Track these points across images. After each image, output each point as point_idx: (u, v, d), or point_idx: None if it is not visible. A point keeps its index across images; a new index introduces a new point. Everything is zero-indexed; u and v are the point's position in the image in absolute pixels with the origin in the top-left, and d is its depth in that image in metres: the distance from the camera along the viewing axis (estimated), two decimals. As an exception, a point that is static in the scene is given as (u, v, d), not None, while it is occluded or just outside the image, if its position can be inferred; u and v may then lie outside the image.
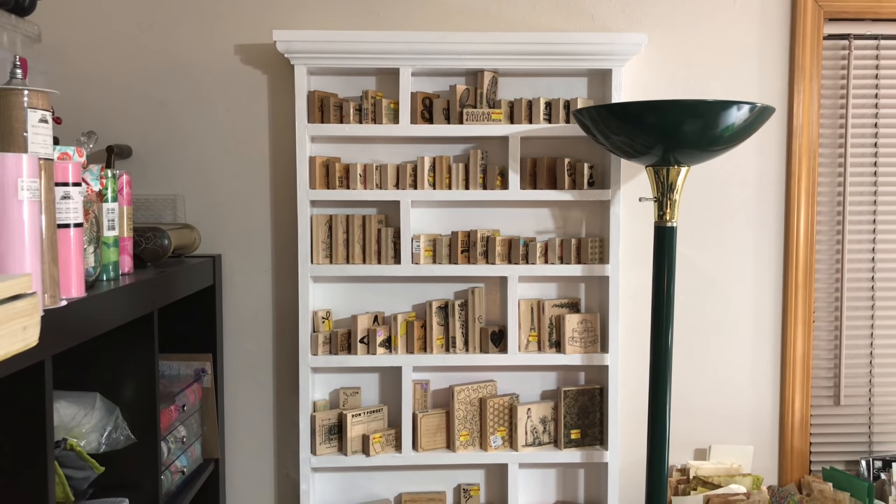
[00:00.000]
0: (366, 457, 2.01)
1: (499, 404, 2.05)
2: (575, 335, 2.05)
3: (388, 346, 2.03)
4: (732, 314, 2.16)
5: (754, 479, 2.07)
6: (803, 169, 2.13)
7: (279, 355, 2.11)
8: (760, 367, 2.18)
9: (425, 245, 2.02)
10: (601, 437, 2.09)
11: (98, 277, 1.38)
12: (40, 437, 1.11)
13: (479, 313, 2.05)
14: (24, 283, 0.78)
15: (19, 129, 1.03)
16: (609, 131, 1.73)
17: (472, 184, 2.02)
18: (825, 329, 2.20)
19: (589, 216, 2.11)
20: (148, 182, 2.05)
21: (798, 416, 2.17)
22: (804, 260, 2.14)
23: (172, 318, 1.97)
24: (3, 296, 0.74)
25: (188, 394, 1.83)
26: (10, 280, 0.76)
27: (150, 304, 1.50)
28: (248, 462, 2.12)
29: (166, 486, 1.68)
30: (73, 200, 1.18)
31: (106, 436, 1.47)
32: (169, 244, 1.70)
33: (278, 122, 2.07)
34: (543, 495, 2.16)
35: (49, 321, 1.05)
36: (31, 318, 0.79)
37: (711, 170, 2.13)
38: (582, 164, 2.02)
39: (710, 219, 2.15)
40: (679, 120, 1.64)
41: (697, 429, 2.18)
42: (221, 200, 2.07)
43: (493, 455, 2.04)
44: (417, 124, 1.99)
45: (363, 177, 2.01)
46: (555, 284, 2.12)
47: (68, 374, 1.51)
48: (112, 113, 2.04)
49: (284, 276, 2.10)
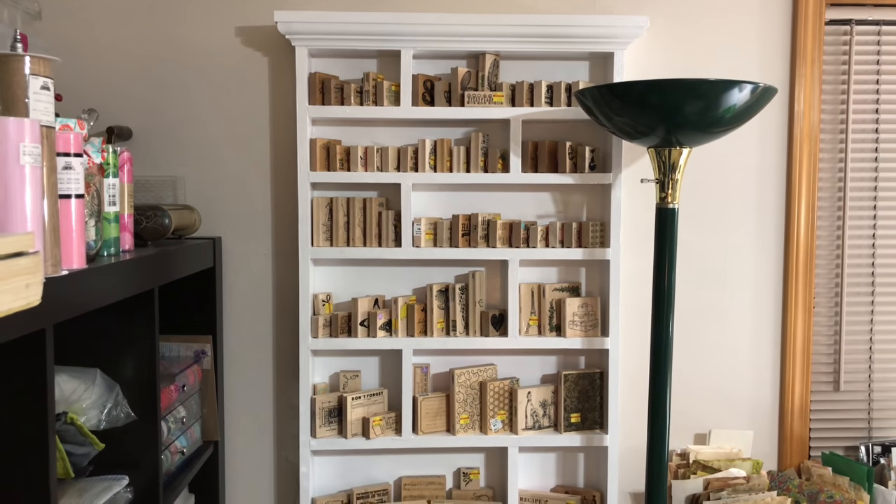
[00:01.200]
0: (366, 440, 2.01)
1: (499, 388, 2.05)
2: (575, 319, 2.05)
3: (388, 329, 2.03)
4: (733, 299, 2.16)
5: (754, 463, 2.07)
6: (804, 154, 2.13)
7: (279, 338, 2.11)
8: (760, 352, 2.18)
9: (426, 228, 2.02)
10: (601, 421, 2.09)
11: (99, 252, 1.38)
12: (41, 408, 1.11)
13: (479, 297, 2.05)
14: (27, 241, 0.78)
15: (21, 96, 1.03)
16: (611, 112, 1.73)
17: (474, 167, 2.01)
18: (825, 315, 2.20)
19: (590, 200, 2.11)
20: (148, 164, 2.05)
21: (798, 401, 2.17)
22: (805, 245, 2.14)
23: (172, 300, 1.97)
24: (5, 252, 0.74)
25: (188, 374, 1.83)
26: (12, 237, 0.76)
27: (151, 280, 1.50)
28: (247, 445, 2.12)
29: (166, 466, 1.68)
30: (74, 171, 1.18)
31: (106, 412, 1.46)
32: (170, 223, 1.69)
33: (279, 104, 2.06)
34: (543, 479, 2.16)
35: (51, 290, 1.04)
36: (34, 277, 0.78)
37: (712, 155, 2.13)
38: (583, 148, 2.01)
39: (711, 204, 2.15)
40: (681, 100, 1.63)
41: (697, 414, 2.18)
42: (222, 183, 2.07)
43: (492, 438, 2.04)
44: (419, 106, 1.98)
45: (364, 159, 2.01)
46: (555, 269, 2.12)
47: (68, 352, 1.50)
48: (112, 94, 2.03)
49: (285, 259, 2.09)
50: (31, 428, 1.12)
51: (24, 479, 1.13)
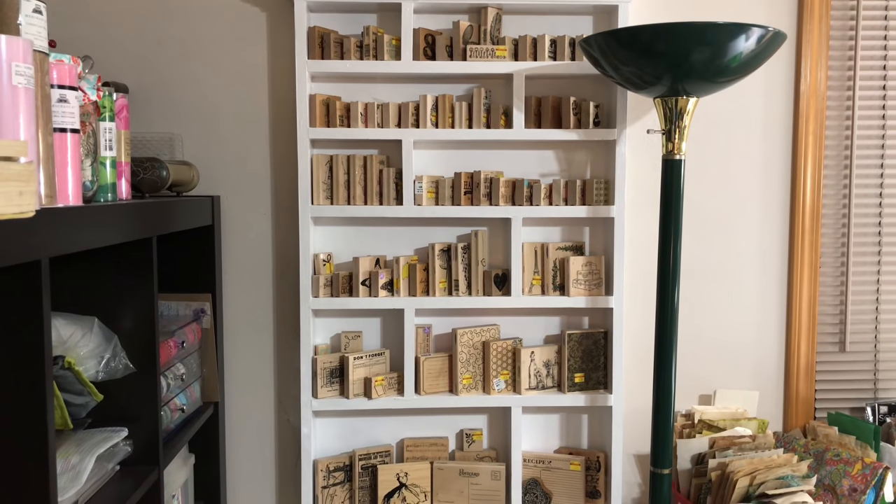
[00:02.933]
0: (367, 400, 1.99)
1: (502, 348, 2.03)
2: (579, 278, 2.02)
3: (390, 289, 2.00)
4: (738, 259, 2.14)
5: (760, 422, 2.06)
6: (811, 111, 2.10)
7: (279, 300, 2.08)
8: (766, 312, 2.15)
9: (428, 186, 1.99)
10: (605, 381, 2.07)
11: (95, 196, 1.35)
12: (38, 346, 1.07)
13: (482, 256, 2.02)
14: (20, 147, 0.75)
15: (12, 17, 0.99)
16: (618, 62, 1.70)
17: (476, 123, 1.98)
18: (831, 275, 2.18)
19: (594, 158, 2.08)
20: (144, 122, 2.01)
21: (803, 361, 2.15)
22: (811, 204, 2.12)
23: (170, 260, 1.94)
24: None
25: (187, 332, 1.80)
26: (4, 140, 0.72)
27: (149, 228, 1.47)
28: (248, 406, 2.10)
29: (165, 422, 1.65)
30: (69, 105, 1.15)
31: (104, 364, 1.43)
32: (167, 175, 1.66)
33: (278, 60, 2.03)
34: (547, 441, 2.14)
35: (46, 220, 1.01)
36: (28, 186, 0.76)
37: (718, 113, 2.10)
38: (587, 103, 1.98)
39: (717, 163, 2.12)
40: (688, 47, 1.60)
41: (702, 374, 2.16)
42: (220, 140, 2.03)
43: (496, 398, 2.02)
44: (420, 61, 1.95)
45: (364, 116, 1.97)
46: (559, 228, 2.09)
47: (65, 305, 1.47)
48: (108, 52, 1.99)
49: (284, 219, 2.06)
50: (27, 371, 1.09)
51: (20, 427, 1.10)
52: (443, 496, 2.04)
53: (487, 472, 2.03)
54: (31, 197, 0.76)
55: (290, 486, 2.12)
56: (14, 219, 0.73)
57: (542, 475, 2.07)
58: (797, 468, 1.85)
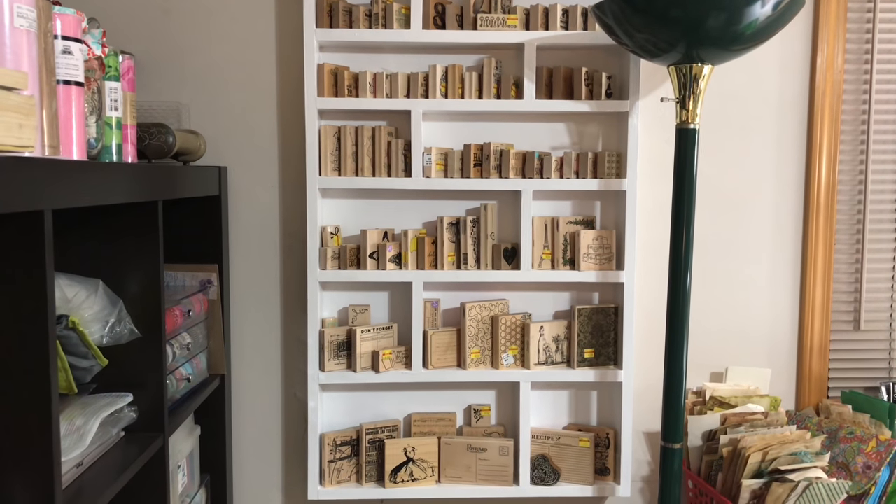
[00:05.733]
0: (375, 373, 1.97)
1: (511, 322, 2.00)
2: (590, 252, 1.99)
3: (398, 262, 1.98)
4: (752, 234, 2.11)
5: (772, 399, 2.03)
6: (827, 86, 2.06)
7: (286, 272, 2.06)
8: (779, 289, 2.12)
9: (437, 158, 1.96)
10: (615, 357, 2.04)
11: (100, 155, 1.33)
12: (41, 300, 1.06)
13: (491, 230, 1.99)
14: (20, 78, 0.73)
15: (15, -40, 0.97)
16: (632, 28, 1.67)
17: (486, 94, 1.95)
18: (846, 252, 2.15)
19: (606, 130, 2.05)
20: (151, 91, 1.99)
21: (817, 339, 2.12)
22: (826, 180, 2.08)
23: (177, 230, 1.92)
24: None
25: (193, 301, 1.78)
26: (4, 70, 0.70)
27: (155, 192, 1.45)
28: (254, 379, 2.08)
29: (171, 391, 1.64)
30: (73, 57, 1.13)
31: (109, 328, 1.42)
32: (174, 142, 1.64)
33: (285, 29, 2.00)
34: (556, 418, 2.11)
35: (49, 170, 0.99)
36: (28, 119, 0.73)
37: (732, 88, 2.07)
38: (600, 74, 1.95)
39: (731, 138, 2.09)
40: (703, 12, 1.57)
41: (713, 351, 2.13)
42: (227, 111, 2.01)
43: (504, 373, 2.00)
44: (430, 30, 1.92)
45: (373, 86, 1.95)
46: (569, 202, 2.07)
47: (69, 267, 1.45)
48: (115, 21, 1.97)
49: (292, 191, 2.04)
50: (30, 326, 1.07)
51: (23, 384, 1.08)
52: (450, 471, 2.02)
53: (495, 447, 2.01)
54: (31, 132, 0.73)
55: (296, 459, 2.11)
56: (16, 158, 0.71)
57: (551, 451, 2.05)
58: (811, 444, 1.82)
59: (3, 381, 1.08)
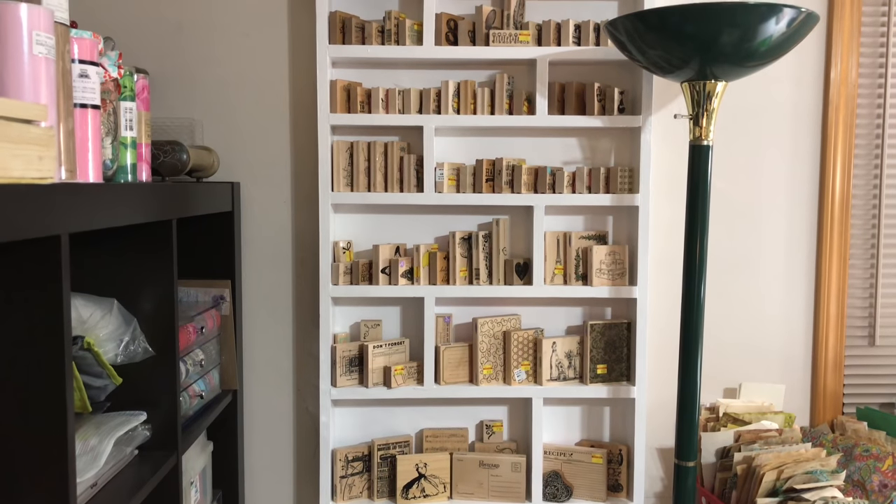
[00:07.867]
0: (387, 389, 1.96)
1: (523, 338, 2.00)
2: (602, 267, 1.99)
3: (410, 277, 1.98)
4: (765, 249, 2.10)
5: (786, 416, 2.01)
6: (841, 99, 2.05)
7: (299, 288, 2.06)
8: (793, 304, 2.11)
9: (449, 173, 1.96)
10: (628, 373, 2.03)
11: (115, 176, 1.33)
12: (57, 324, 1.06)
13: (503, 245, 1.99)
14: (40, 111, 0.73)
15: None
16: (645, 45, 1.66)
17: (498, 110, 1.95)
18: (861, 266, 2.13)
19: (619, 145, 2.04)
20: (164, 108, 2.00)
21: (832, 355, 2.10)
22: (840, 194, 2.07)
23: (190, 246, 1.93)
24: (18, 115, 0.69)
25: (206, 318, 1.79)
26: (25, 103, 0.71)
27: (169, 211, 1.45)
28: (266, 394, 2.08)
29: (184, 409, 1.64)
30: (90, 80, 1.13)
31: (123, 346, 1.42)
32: (188, 159, 1.65)
33: (298, 45, 2.01)
34: (568, 433, 2.11)
35: (66, 195, 0.99)
36: (47, 151, 0.74)
37: (745, 101, 2.06)
38: (612, 90, 1.95)
39: (744, 152, 2.08)
40: (717, 29, 1.56)
41: (727, 367, 2.12)
42: (240, 126, 2.02)
43: (516, 389, 1.99)
44: (442, 46, 1.92)
45: (385, 102, 1.95)
46: (582, 217, 2.06)
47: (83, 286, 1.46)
48: (128, 36, 1.99)
49: (304, 206, 2.05)
50: (46, 349, 1.07)
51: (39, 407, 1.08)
52: (462, 487, 2.01)
53: (508, 463, 2.00)
54: (50, 163, 0.74)
55: (308, 475, 2.10)
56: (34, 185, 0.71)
57: (564, 468, 2.04)
58: (826, 463, 1.80)
59: (20, 402, 1.08)
